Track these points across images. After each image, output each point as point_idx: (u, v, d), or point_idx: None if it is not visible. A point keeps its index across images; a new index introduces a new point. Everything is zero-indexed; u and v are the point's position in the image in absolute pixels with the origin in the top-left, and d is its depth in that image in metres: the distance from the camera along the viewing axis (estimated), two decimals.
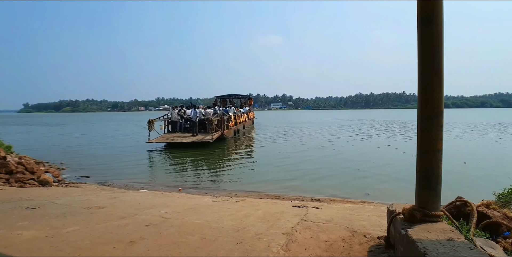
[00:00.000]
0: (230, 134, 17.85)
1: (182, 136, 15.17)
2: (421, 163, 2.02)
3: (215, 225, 3.29)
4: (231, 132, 18.02)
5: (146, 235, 2.94)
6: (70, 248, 2.62)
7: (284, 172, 8.92)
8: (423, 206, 1.98)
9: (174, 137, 15.08)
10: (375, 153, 12.63)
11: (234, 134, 19.03)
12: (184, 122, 16.48)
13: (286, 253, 2.54)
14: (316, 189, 7.00)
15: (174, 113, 16.42)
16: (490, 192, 3.33)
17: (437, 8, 1.95)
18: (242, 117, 22.75)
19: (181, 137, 14.94)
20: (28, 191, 5.76)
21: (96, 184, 7.56)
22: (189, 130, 16.05)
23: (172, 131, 16.46)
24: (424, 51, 2.01)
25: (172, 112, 16.64)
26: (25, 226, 3.21)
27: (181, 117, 16.41)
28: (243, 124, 22.91)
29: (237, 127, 19.93)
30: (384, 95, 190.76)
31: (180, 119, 16.45)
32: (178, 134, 15.63)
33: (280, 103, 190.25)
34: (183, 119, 16.49)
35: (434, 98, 1.97)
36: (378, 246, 2.61)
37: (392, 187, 7.20)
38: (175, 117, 16.40)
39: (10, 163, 7.25)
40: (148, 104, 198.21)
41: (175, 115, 16.39)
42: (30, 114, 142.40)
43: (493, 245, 2.06)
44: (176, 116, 16.36)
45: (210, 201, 4.97)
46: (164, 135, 15.72)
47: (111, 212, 3.93)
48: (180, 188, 7.10)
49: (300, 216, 3.70)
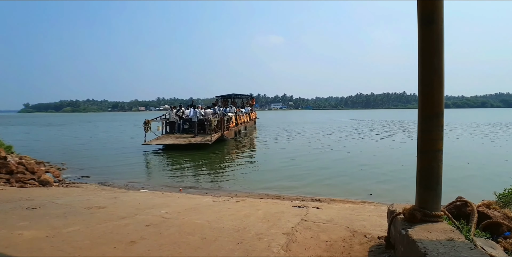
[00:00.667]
0: (231, 135, 17.27)
1: (180, 137, 14.54)
2: (422, 163, 2.02)
3: (215, 225, 3.30)
4: (231, 133, 17.45)
5: (147, 235, 2.94)
6: (71, 248, 2.62)
7: (286, 173, 8.89)
8: (423, 206, 1.98)
9: (172, 138, 14.49)
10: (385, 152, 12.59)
11: (235, 135, 18.43)
12: (183, 123, 15.91)
13: (287, 253, 2.54)
14: (320, 190, 6.96)
15: (172, 113, 15.85)
16: (491, 192, 3.33)
17: (438, 8, 1.95)
18: (244, 117, 22.10)
19: (179, 138, 14.31)
20: (29, 191, 5.77)
21: (96, 184, 7.56)
22: (188, 131, 15.54)
23: (170, 132, 15.93)
24: (424, 51, 2.01)
25: (170, 112, 16.04)
26: (26, 226, 3.21)
27: (179, 117, 15.86)
28: (244, 125, 22.31)
29: (238, 128, 19.32)
30: (384, 95, 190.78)
31: (178, 120, 15.88)
32: (176, 135, 15.05)
33: (281, 104, 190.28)
34: (181, 120, 15.94)
35: (435, 98, 1.97)
36: (378, 246, 2.61)
37: (396, 187, 7.18)
38: (173, 118, 15.85)
39: (11, 163, 7.25)
40: (149, 104, 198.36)
41: (173, 116, 15.83)
42: (31, 115, 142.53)
43: (493, 245, 2.05)
44: (174, 117, 15.79)
45: (210, 201, 4.98)
46: (162, 136, 15.17)
47: (112, 212, 3.93)
48: (181, 188, 7.11)
49: (300, 216, 3.70)
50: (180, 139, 14.09)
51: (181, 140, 13.83)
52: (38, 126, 38.32)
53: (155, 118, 15.44)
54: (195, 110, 14.96)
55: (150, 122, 14.22)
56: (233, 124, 17.92)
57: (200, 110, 15.31)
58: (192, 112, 15.03)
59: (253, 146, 16.59)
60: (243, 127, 21.49)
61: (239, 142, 17.78)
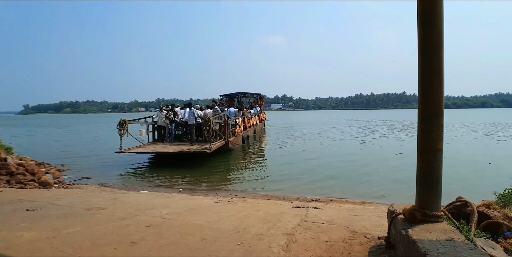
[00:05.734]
0: (238, 142, 13.76)
1: (172, 145, 11.21)
2: (422, 163, 2.02)
3: (215, 225, 3.30)
4: (239, 139, 13.99)
5: (147, 236, 2.94)
6: (71, 249, 2.62)
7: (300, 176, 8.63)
8: (423, 206, 1.98)
9: (159, 146, 11.11)
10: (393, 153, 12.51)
11: (243, 142, 14.88)
12: (175, 127, 12.36)
13: (287, 253, 2.54)
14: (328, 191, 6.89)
15: (162, 115, 12.12)
16: (491, 192, 3.33)
17: (437, 9, 1.95)
18: (253, 119, 18.07)
19: (169, 146, 11.04)
20: (29, 192, 5.77)
21: (96, 185, 7.56)
22: (182, 138, 12.31)
23: (159, 140, 12.52)
24: (424, 52, 2.01)
25: (159, 114, 12.26)
26: (26, 227, 3.21)
27: (170, 121, 12.27)
28: (253, 128, 18.25)
29: (246, 132, 15.61)
30: (384, 96, 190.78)
31: (169, 124, 12.29)
32: (166, 144, 11.66)
33: (281, 104, 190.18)
34: (173, 123, 12.34)
35: (434, 98, 1.98)
36: (378, 246, 2.61)
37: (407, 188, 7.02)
38: (163, 121, 12.18)
39: (11, 164, 7.25)
40: (149, 105, 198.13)
41: (162, 119, 12.15)
42: (31, 116, 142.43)
43: (493, 245, 2.05)
44: (165, 120, 12.15)
45: (210, 202, 4.97)
46: (147, 144, 11.81)
47: (112, 213, 3.93)
48: (181, 189, 7.10)
49: (300, 216, 3.70)
50: (168, 147, 10.88)
51: (170, 148, 10.62)
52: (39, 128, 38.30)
53: (136, 119, 11.93)
54: (191, 110, 11.64)
55: (127, 123, 10.68)
56: (240, 129, 14.48)
57: (197, 110, 11.85)
58: (188, 113, 11.73)
59: (263, 154, 13.23)
60: (252, 131, 17.78)
61: (248, 151, 14.04)
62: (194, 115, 11.57)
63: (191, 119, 11.56)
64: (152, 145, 11.42)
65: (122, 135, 10.49)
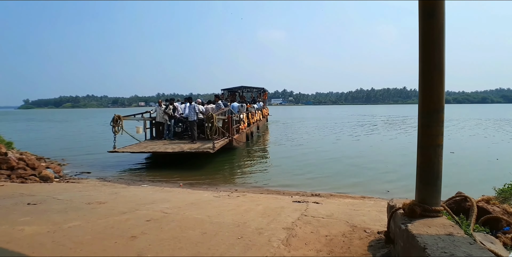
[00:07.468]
0: (242, 139, 12.81)
1: (171, 143, 10.41)
2: (422, 158, 2.02)
3: (215, 220, 3.31)
4: (243, 137, 13.01)
5: (147, 230, 2.96)
6: (72, 243, 2.64)
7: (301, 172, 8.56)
8: (423, 201, 1.99)
9: (157, 144, 10.24)
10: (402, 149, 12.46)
11: (247, 139, 13.90)
12: (175, 123, 11.64)
13: (287, 247, 2.55)
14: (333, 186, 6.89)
15: (160, 111, 11.35)
16: (490, 187, 3.33)
17: (439, 2, 1.93)
18: (256, 115, 17.38)
19: (168, 144, 10.23)
20: (30, 186, 5.78)
21: (97, 179, 7.58)
22: (183, 135, 11.62)
23: (157, 137, 11.73)
24: (425, 46, 1.99)
25: (157, 109, 11.45)
26: (27, 222, 3.23)
27: (169, 117, 11.51)
28: (257, 124, 17.45)
29: (250, 129, 14.73)
30: (385, 91, 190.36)
31: (168, 120, 11.55)
32: (165, 142, 10.84)
33: (281, 99, 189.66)
34: (173, 119, 11.61)
35: (435, 93, 1.96)
36: (378, 240, 2.63)
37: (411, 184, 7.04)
38: (161, 117, 11.43)
39: (11, 159, 7.26)
40: (149, 99, 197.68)
41: (161, 114, 11.38)
42: (31, 111, 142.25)
43: (492, 240, 2.07)
44: (163, 116, 11.42)
45: (210, 196, 4.99)
46: (144, 142, 11.04)
47: (112, 207, 3.95)
48: (181, 183, 7.12)
49: (300, 211, 3.72)
50: (167, 145, 10.02)
51: (169, 146, 9.76)
52: (40, 122, 38.29)
53: (132, 115, 11.12)
54: (192, 106, 10.80)
55: (122, 119, 9.97)
56: (244, 126, 13.46)
57: (198, 105, 11.01)
58: (188, 108, 10.96)
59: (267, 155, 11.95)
60: (255, 128, 16.85)
61: (252, 149, 13.04)
62: (195, 110, 10.70)
63: (191, 115, 10.68)
64: (150, 143, 10.60)
65: (117, 132, 9.83)
